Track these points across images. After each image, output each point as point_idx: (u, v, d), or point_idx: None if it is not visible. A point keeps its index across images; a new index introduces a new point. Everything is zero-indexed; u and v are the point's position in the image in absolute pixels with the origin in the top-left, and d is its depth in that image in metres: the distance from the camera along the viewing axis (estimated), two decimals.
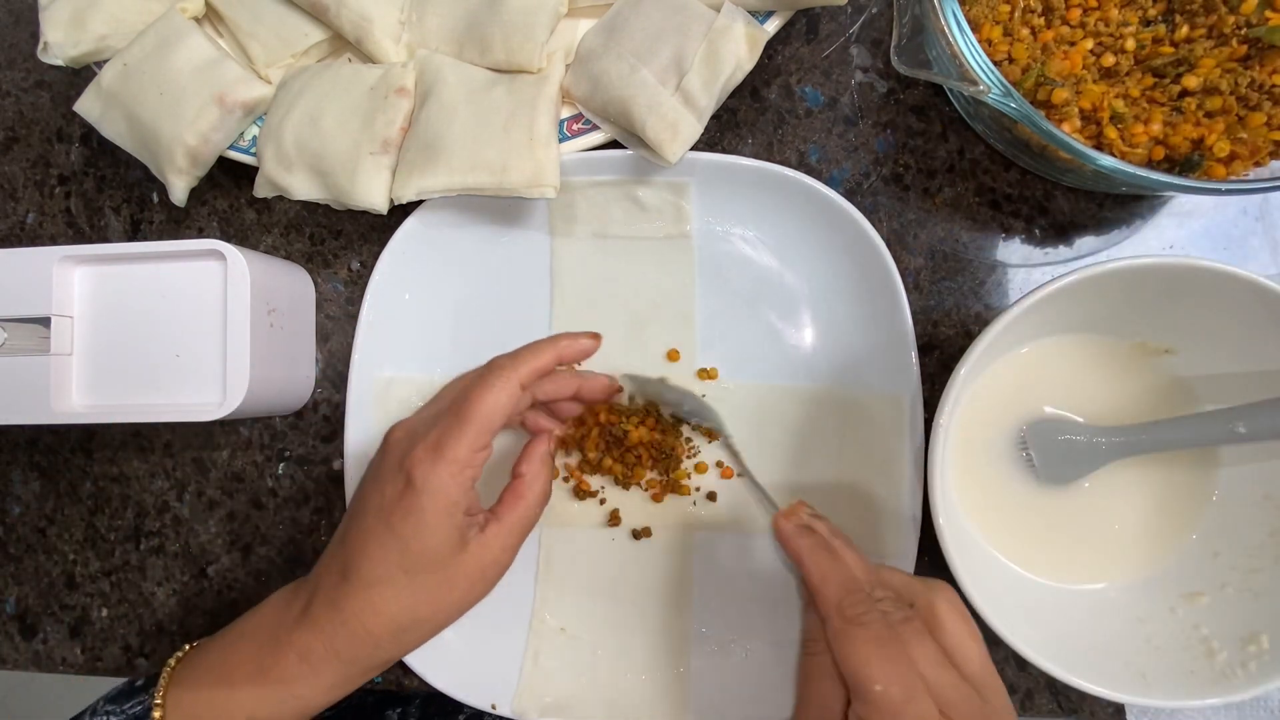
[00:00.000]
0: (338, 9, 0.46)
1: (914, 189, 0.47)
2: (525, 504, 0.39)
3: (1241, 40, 0.40)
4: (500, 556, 0.38)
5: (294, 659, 0.36)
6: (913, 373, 0.43)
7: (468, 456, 0.36)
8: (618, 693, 0.46)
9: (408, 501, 0.36)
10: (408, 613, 0.36)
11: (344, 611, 0.36)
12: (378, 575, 0.36)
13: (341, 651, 0.36)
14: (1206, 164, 0.40)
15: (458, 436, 0.36)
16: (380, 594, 0.36)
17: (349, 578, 0.37)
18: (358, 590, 0.36)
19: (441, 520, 0.36)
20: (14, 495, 0.54)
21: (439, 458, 0.36)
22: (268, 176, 0.46)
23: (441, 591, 0.37)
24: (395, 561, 0.36)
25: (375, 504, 0.37)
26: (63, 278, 0.45)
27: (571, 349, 0.42)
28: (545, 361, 0.40)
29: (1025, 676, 0.46)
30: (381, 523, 0.36)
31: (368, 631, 0.36)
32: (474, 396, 0.37)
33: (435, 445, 0.36)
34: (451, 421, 0.37)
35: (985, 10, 0.42)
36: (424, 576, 0.36)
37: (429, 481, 0.36)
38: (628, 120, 0.43)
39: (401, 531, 0.36)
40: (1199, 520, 0.43)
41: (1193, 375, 0.43)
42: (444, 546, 0.36)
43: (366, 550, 0.36)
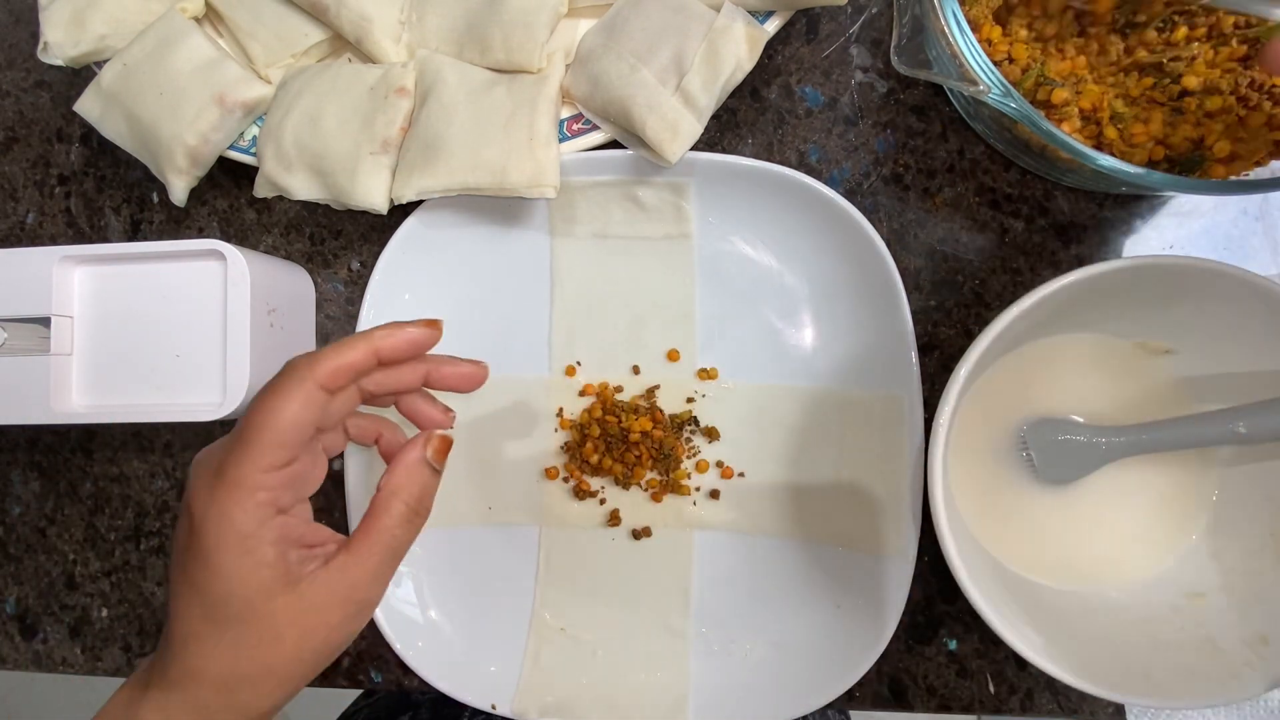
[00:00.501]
0: (338, 9, 0.46)
1: (914, 189, 0.47)
2: (383, 525, 0.32)
3: (1241, 40, 0.40)
4: (351, 594, 0.32)
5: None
6: (913, 373, 0.43)
7: (256, 479, 0.30)
8: (618, 693, 0.46)
9: (194, 543, 0.30)
10: (228, 671, 0.31)
11: (169, 680, 0.31)
12: (186, 632, 0.31)
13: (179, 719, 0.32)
14: (1206, 164, 0.40)
15: (240, 457, 0.30)
16: (194, 652, 0.31)
17: (167, 639, 0.32)
18: (175, 653, 0.31)
19: (233, 560, 0.30)
20: (14, 495, 0.54)
21: (218, 485, 0.30)
22: (268, 176, 0.46)
23: (264, 643, 0.31)
24: (199, 615, 0.31)
25: (174, 550, 0.32)
26: (63, 278, 0.45)
27: (391, 342, 0.34)
28: (354, 358, 0.33)
29: (1025, 676, 0.46)
30: (179, 570, 0.31)
31: (194, 697, 0.31)
32: (260, 406, 0.31)
33: (216, 471, 0.31)
34: (234, 440, 0.31)
35: (985, 10, 0.42)
36: (235, 629, 0.30)
37: (208, 514, 0.30)
38: (628, 120, 0.43)
39: (196, 579, 0.30)
40: (1199, 520, 0.43)
41: (1193, 375, 0.43)
42: (248, 590, 0.30)
43: (174, 605, 0.32)
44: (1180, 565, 0.43)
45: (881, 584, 0.43)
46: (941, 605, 0.46)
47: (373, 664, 0.49)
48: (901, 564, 0.43)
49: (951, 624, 0.46)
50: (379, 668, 0.49)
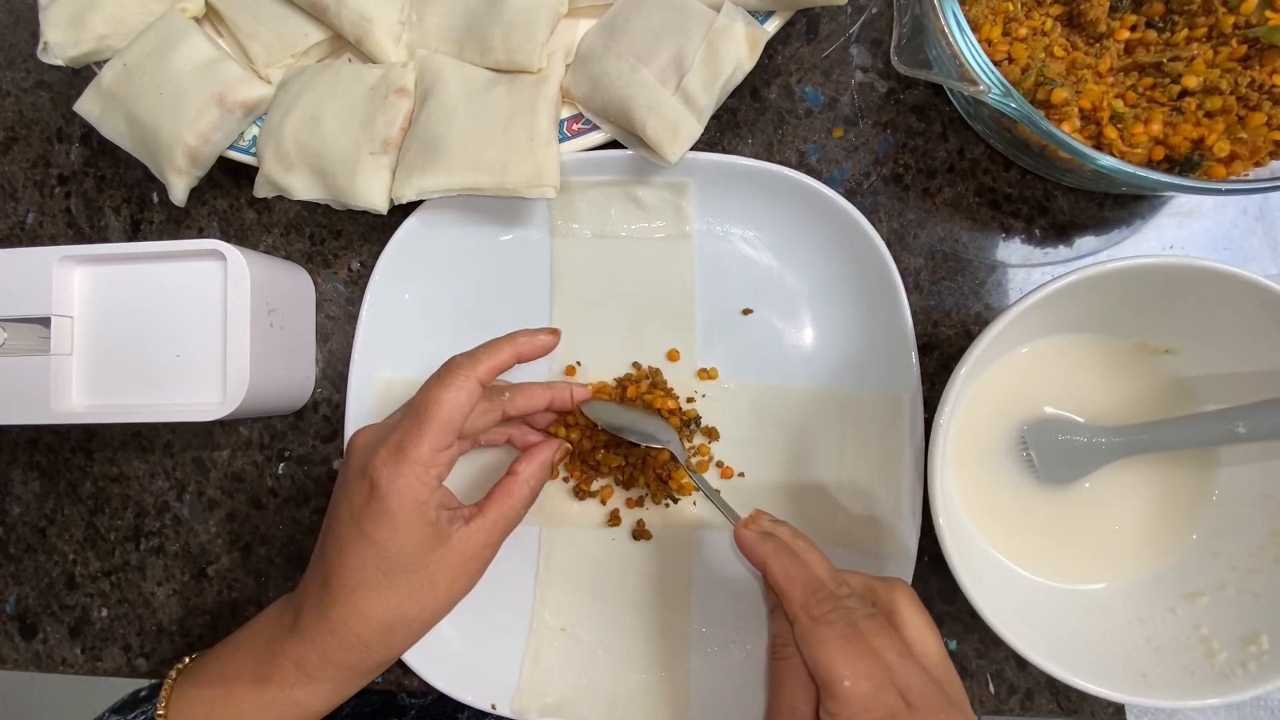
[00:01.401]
0: (338, 9, 0.46)
1: (914, 189, 0.47)
2: (512, 502, 0.40)
3: (1241, 40, 0.40)
4: (482, 551, 0.39)
5: (289, 668, 0.37)
6: (913, 373, 0.43)
7: (430, 456, 0.37)
8: (618, 693, 0.46)
9: (375, 506, 0.36)
10: (393, 613, 0.37)
11: (330, 620, 0.37)
12: (358, 581, 0.37)
13: (334, 658, 0.37)
14: (1206, 164, 0.40)
15: (418, 437, 0.37)
16: (364, 598, 0.37)
17: (330, 587, 0.37)
18: (341, 598, 0.37)
19: (412, 520, 0.36)
20: (14, 495, 0.54)
21: (401, 459, 0.36)
22: (268, 176, 0.46)
23: (424, 589, 0.37)
24: (373, 565, 0.36)
25: (345, 511, 0.37)
26: (63, 278, 0.45)
27: (530, 346, 0.42)
28: (504, 359, 0.40)
29: (1025, 676, 0.46)
30: (354, 529, 0.37)
31: (356, 636, 0.37)
32: (433, 396, 0.37)
33: (397, 448, 0.37)
34: (412, 423, 0.37)
35: (985, 10, 0.42)
36: (404, 576, 0.37)
37: (394, 484, 0.36)
38: (628, 120, 0.43)
39: (374, 535, 0.36)
40: (1199, 520, 0.43)
41: (1193, 375, 0.43)
42: (420, 545, 0.37)
43: (344, 558, 0.37)
44: (1180, 565, 0.43)
45: None
46: (941, 605, 0.46)
47: None
48: (901, 564, 0.43)
49: (951, 624, 0.46)
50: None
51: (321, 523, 0.50)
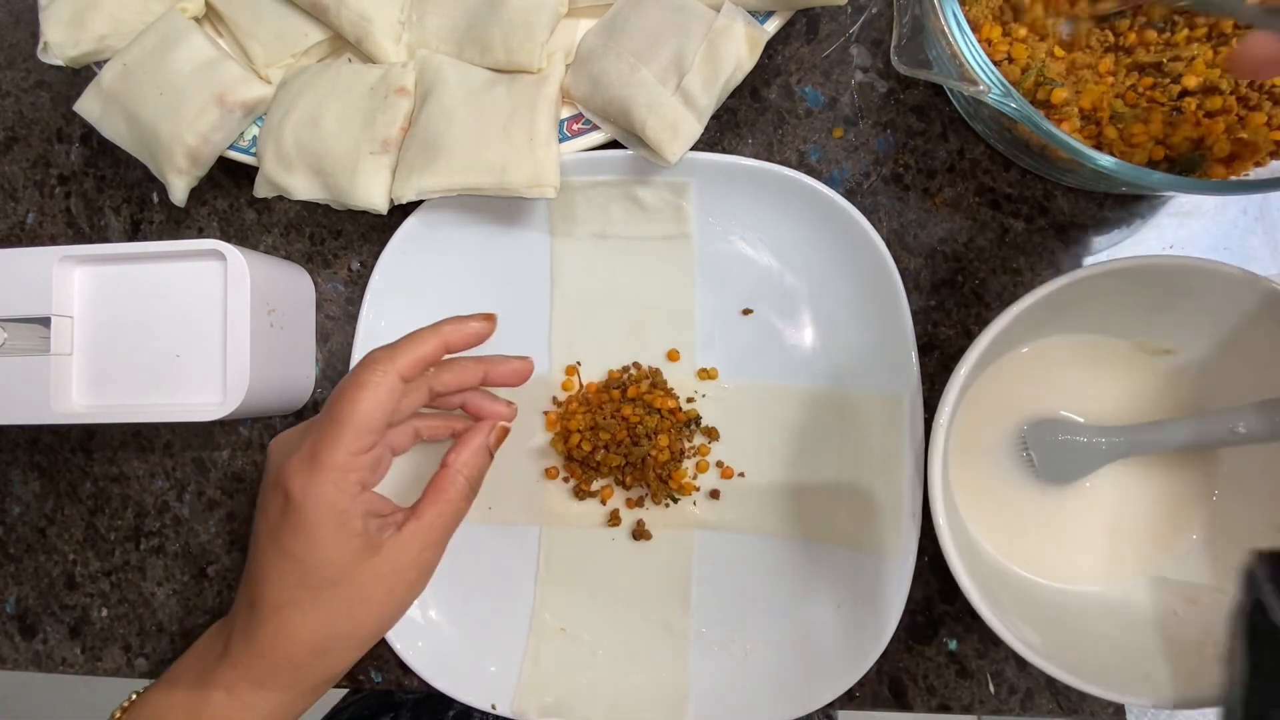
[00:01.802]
0: (338, 9, 0.46)
1: (914, 189, 0.47)
2: (448, 498, 0.37)
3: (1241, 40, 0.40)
4: (420, 555, 0.36)
5: (222, 698, 0.35)
6: (913, 373, 0.43)
7: (347, 461, 0.34)
8: (618, 693, 0.46)
9: (291, 519, 0.34)
10: (323, 631, 0.35)
11: (258, 643, 0.35)
12: (281, 599, 0.34)
13: (266, 682, 0.35)
14: (1206, 164, 0.40)
15: (332, 442, 0.34)
16: (289, 618, 0.34)
17: (255, 607, 0.35)
18: (266, 618, 0.35)
19: (332, 532, 0.34)
20: (14, 495, 0.54)
21: (315, 467, 0.34)
22: (268, 176, 0.46)
23: (356, 604, 0.35)
24: (295, 583, 0.34)
25: (263, 526, 0.35)
26: (63, 278, 0.45)
27: (459, 334, 0.39)
28: (428, 350, 0.37)
29: (1025, 676, 0.46)
30: (272, 544, 0.35)
31: (286, 659, 0.35)
32: (347, 396, 0.35)
33: (310, 455, 0.34)
34: (326, 426, 0.34)
35: (985, 10, 0.42)
36: (331, 592, 0.34)
37: (308, 494, 0.34)
38: (628, 120, 0.43)
39: (292, 550, 0.34)
40: (1199, 520, 0.43)
41: (1193, 375, 0.43)
42: (344, 557, 0.34)
43: (265, 575, 0.35)
44: (1180, 565, 0.43)
45: (881, 584, 0.43)
46: (941, 605, 0.46)
47: (373, 664, 0.49)
48: (901, 564, 0.43)
49: (951, 624, 0.46)
50: (379, 668, 0.49)
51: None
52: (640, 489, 0.47)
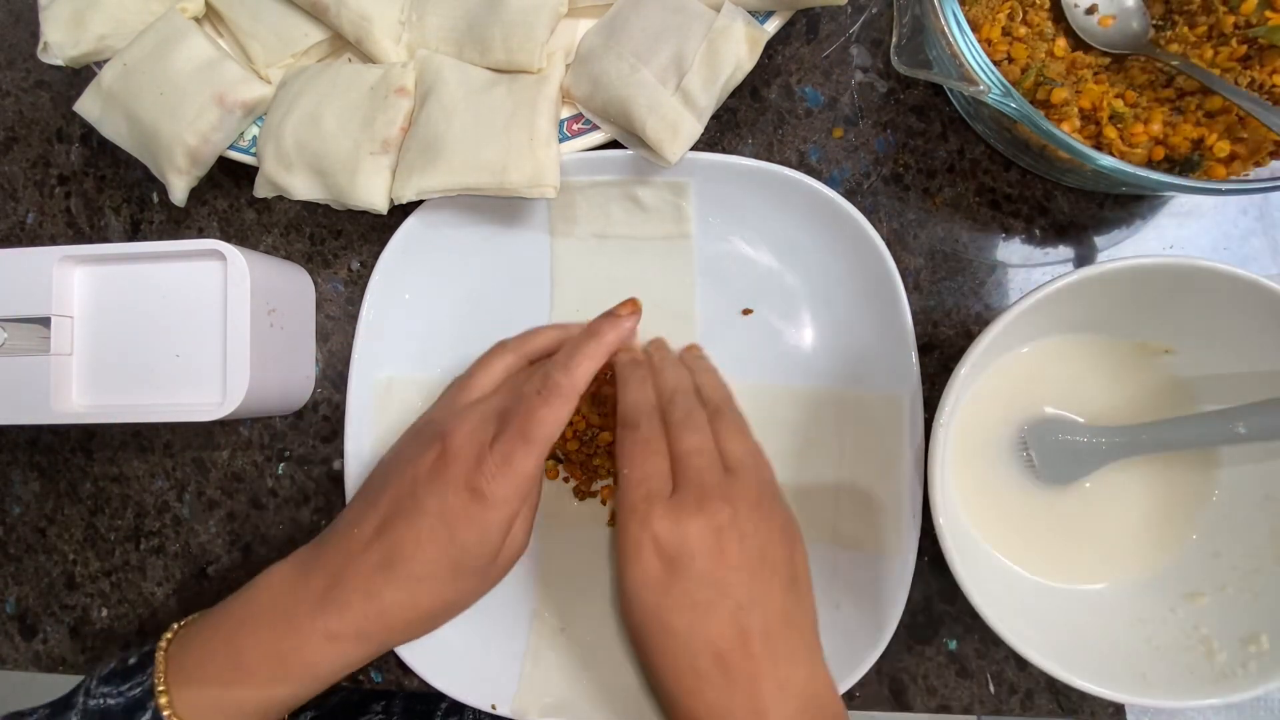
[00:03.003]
0: (338, 9, 0.46)
1: (914, 189, 0.47)
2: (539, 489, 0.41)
3: (1241, 40, 0.40)
4: (525, 544, 0.41)
5: (320, 642, 0.37)
6: (913, 373, 0.43)
7: (536, 473, 0.38)
8: (618, 693, 0.46)
9: (475, 512, 0.37)
10: (443, 605, 0.39)
11: (381, 600, 0.37)
12: (427, 573, 0.37)
13: (372, 635, 0.38)
14: (1206, 164, 0.40)
15: (525, 455, 0.38)
16: (425, 589, 0.38)
17: (393, 570, 0.37)
18: (402, 583, 0.37)
19: (503, 531, 0.38)
20: (14, 495, 0.54)
21: (511, 474, 0.37)
22: (268, 176, 0.46)
23: (477, 586, 0.40)
24: (448, 564, 0.37)
25: (435, 507, 0.37)
26: (63, 278, 0.45)
27: (617, 338, 0.42)
28: (597, 363, 0.41)
29: (1025, 676, 0.46)
30: (443, 527, 0.37)
31: (404, 620, 0.38)
32: (540, 417, 0.38)
33: (505, 461, 0.37)
34: (519, 440, 0.38)
35: (985, 10, 0.42)
36: (469, 576, 0.39)
37: (501, 496, 0.37)
38: (628, 120, 0.43)
39: (464, 539, 0.37)
40: (1199, 520, 0.43)
41: (1193, 375, 0.43)
42: (495, 552, 0.38)
43: (420, 549, 0.37)
44: (1180, 565, 0.43)
45: (881, 584, 0.43)
46: (941, 605, 0.46)
47: (373, 664, 0.49)
48: (901, 564, 0.43)
49: (951, 624, 0.46)
50: (379, 667, 0.49)
51: (320, 522, 0.51)
52: None
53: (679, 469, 0.38)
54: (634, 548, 0.36)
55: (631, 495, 0.37)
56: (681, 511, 0.36)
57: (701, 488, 0.37)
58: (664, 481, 0.37)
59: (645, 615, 0.35)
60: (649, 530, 0.36)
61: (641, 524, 0.36)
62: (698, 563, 0.35)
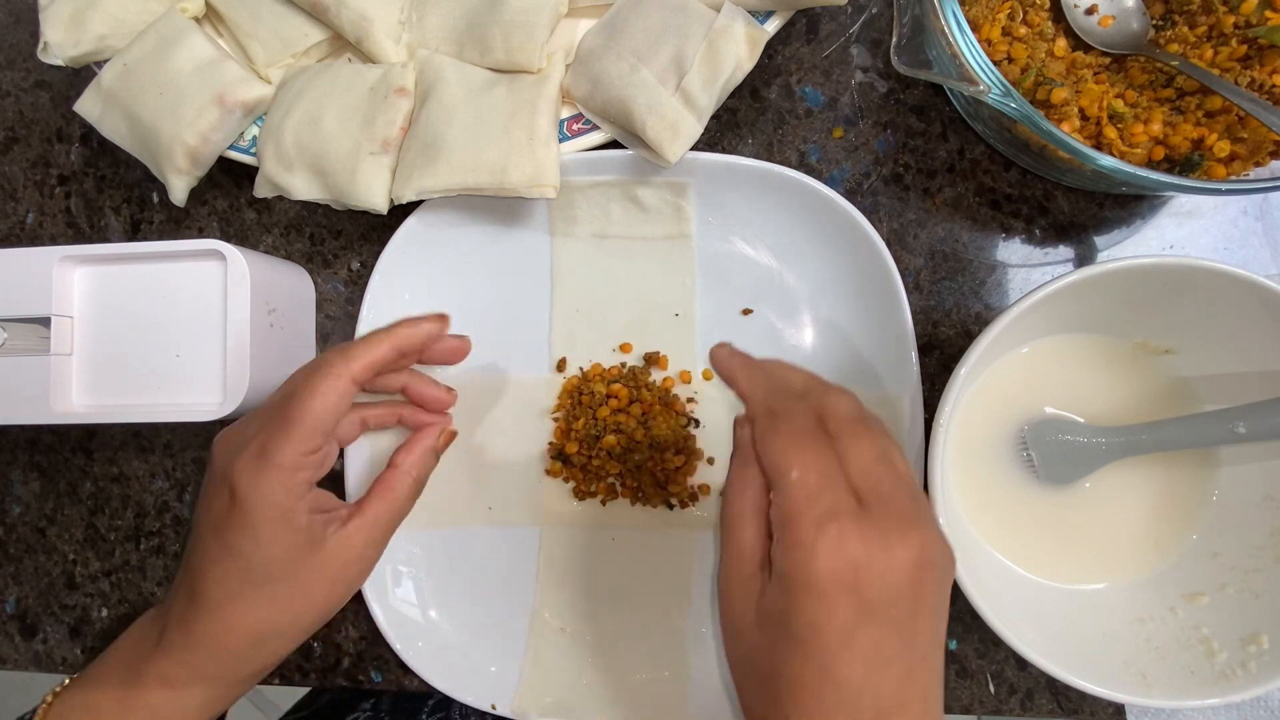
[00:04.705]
0: (338, 9, 0.46)
1: (914, 189, 0.47)
2: (394, 496, 0.38)
3: (1241, 40, 0.40)
4: (364, 552, 0.37)
5: (155, 686, 0.35)
6: (913, 373, 0.43)
7: (295, 461, 0.34)
8: (618, 693, 0.46)
9: (237, 517, 0.34)
10: (264, 624, 0.35)
11: (195, 634, 0.35)
12: (224, 594, 0.35)
13: (202, 671, 0.35)
14: (1206, 164, 0.40)
15: (282, 441, 0.34)
16: (231, 612, 0.35)
17: (196, 600, 0.35)
18: (207, 611, 0.35)
19: (277, 530, 0.34)
20: (14, 495, 0.54)
21: (263, 466, 0.34)
22: (268, 176, 0.46)
23: (296, 598, 0.35)
24: (238, 578, 0.34)
25: (207, 520, 0.35)
26: (63, 278, 0.45)
27: (410, 338, 0.38)
28: (381, 354, 0.37)
29: (1025, 676, 0.46)
30: (216, 540, 0.35)
31: (225, 649, 0.35)
32: (301, 396, 0.35)
33: (259, 453, 0.34)
34: (277, 425, 0.34)
35: (985, 10, 0.42)
36: (274, 587, 0.35)
37: (255, 493, 0.34)
38: (628, 120, 0.43)
39: (237, 547, 0.34)
40: (1199, 520, 0.43)
41: (1193, 375, 0.43)
42: (288, 554, 0.35)
43: (207, 571, 0.35)
44: (1180, 565, 0.43)
45: None
46: None
47: (373, 664, 0.49)
48: None
49: (951, 624, 0.46)
50: (379, 668, 0.49)
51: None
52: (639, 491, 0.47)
53: (859, 481, 0.29)
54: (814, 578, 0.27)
55: (809, 505, 0.28)
56: (888, 535, 0.28)
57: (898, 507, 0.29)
58: (848, 494, 0.29)
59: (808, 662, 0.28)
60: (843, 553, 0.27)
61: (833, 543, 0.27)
62: (898, 607, 0.28)
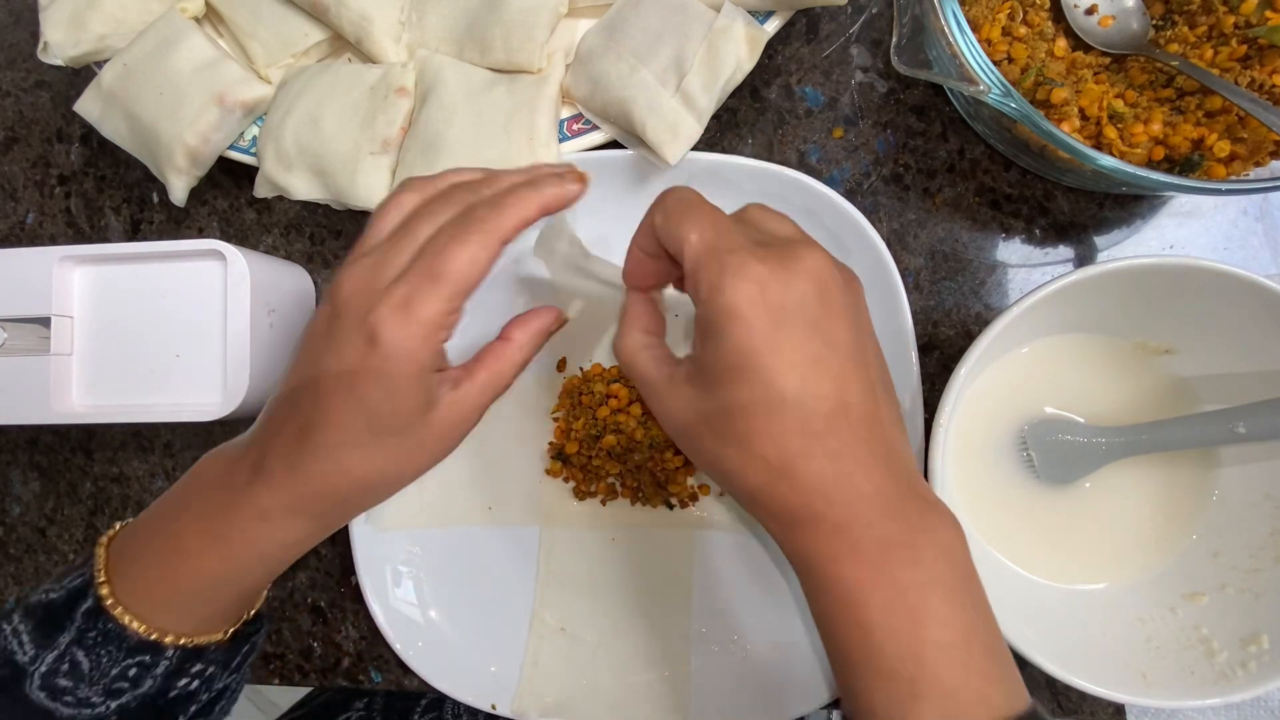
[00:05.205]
0: (338, 9, 0.46)
1: (914, 189, 0.47)
2: (500, 368, 0.37)
3: (1241, 40, 0.40)
4: (470, 415, 0.36)
5: (252, 519, 0.35)
6: (913, 373, 0.43)
7: (440, 319, 0.33)
8: (618, 693, 0.46)
9: (373, 364, 0.33)
10: (376, 473, 0.35)
11: (306, 472, 0.34)
12: (343, 439, 0.34)
13: (306, 508, 0.35)
14: (1206, 164, 0.40)
15: (429, 296, 0.32)
16: (347, 456, 0.34)
17: (309, 439, 0.34)
18: (321, 452, 0.34)
19: (412, 384, 0.33)
20: (14, 495, 0.54)
21: (409, 319, 0.32)
22: (268, 176, 0.46)
23: (409, 451, 0.35)
24: (362, 426, 0.34)
25: (333, 365, 0.33)
26: (63, 278, 0.45)
27: (557, 199, 0.36)
28: (530, 216, 0.35)
29: (1025, 676, 0.46)
30: (343, 386, 0.33)
31: (334, 489, 0.35)
32: (451, 253, 0.33)
33: (404, 304, 0.32)
34: (424, 279, 0.33)
35: (985, 10, 0.42)
36: (392, 438, 0.34)
37: (397, 345, 0.32)
38: (628, 121, 0.43)
39: (367, 396, 0.33)
40: (1199, 520, 0.43)
41: (1193, 375, 0.43)
42: (414, 409, 0.34)
43: (328, 414, 0.34)
44: (1180, 565, 0.43)
45: None
46: None
47: (373, 664, 0.49)
48: None
49: None
50: (379, 668, 0.49)
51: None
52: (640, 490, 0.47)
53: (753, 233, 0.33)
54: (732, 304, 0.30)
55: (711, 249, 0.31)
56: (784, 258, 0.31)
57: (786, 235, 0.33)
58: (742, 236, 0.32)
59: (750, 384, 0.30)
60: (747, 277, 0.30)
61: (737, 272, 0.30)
62: (808, 311, 0.30)
